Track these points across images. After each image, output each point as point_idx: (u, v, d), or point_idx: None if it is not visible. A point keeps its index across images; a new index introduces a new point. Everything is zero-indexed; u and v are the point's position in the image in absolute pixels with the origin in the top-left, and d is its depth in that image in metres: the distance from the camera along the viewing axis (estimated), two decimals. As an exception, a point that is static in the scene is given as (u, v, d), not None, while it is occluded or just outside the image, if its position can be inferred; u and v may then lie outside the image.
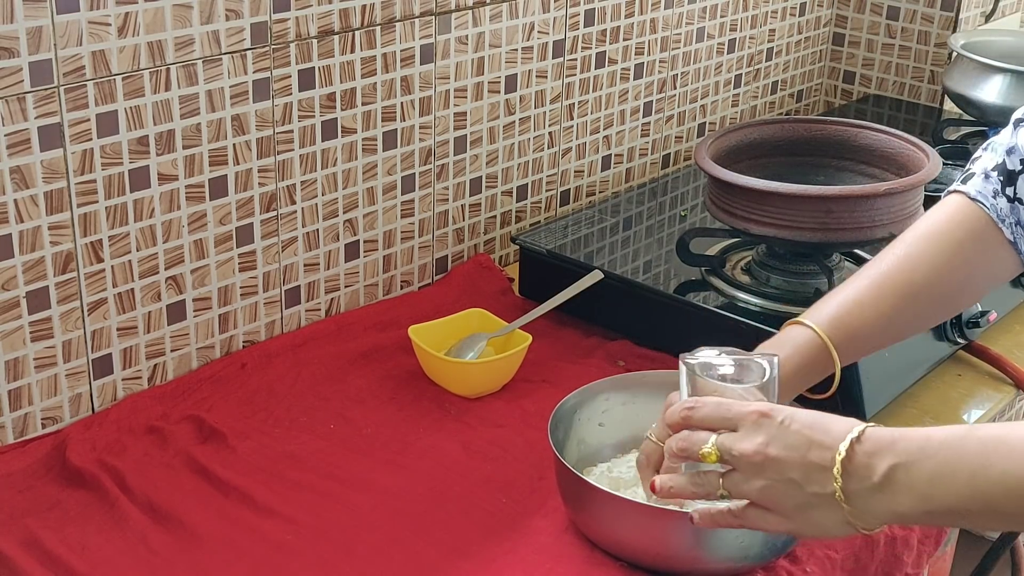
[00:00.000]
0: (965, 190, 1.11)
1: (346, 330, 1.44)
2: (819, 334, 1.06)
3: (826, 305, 1.09)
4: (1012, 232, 1.09)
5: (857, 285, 1.09)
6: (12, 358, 1.19)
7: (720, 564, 1.04)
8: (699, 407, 0.93)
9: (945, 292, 1.10)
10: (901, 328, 1.12)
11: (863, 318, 1.08)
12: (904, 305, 1.08)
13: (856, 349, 1.10)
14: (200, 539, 1.08)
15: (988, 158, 1.12)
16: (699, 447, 0.91)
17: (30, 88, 1.12)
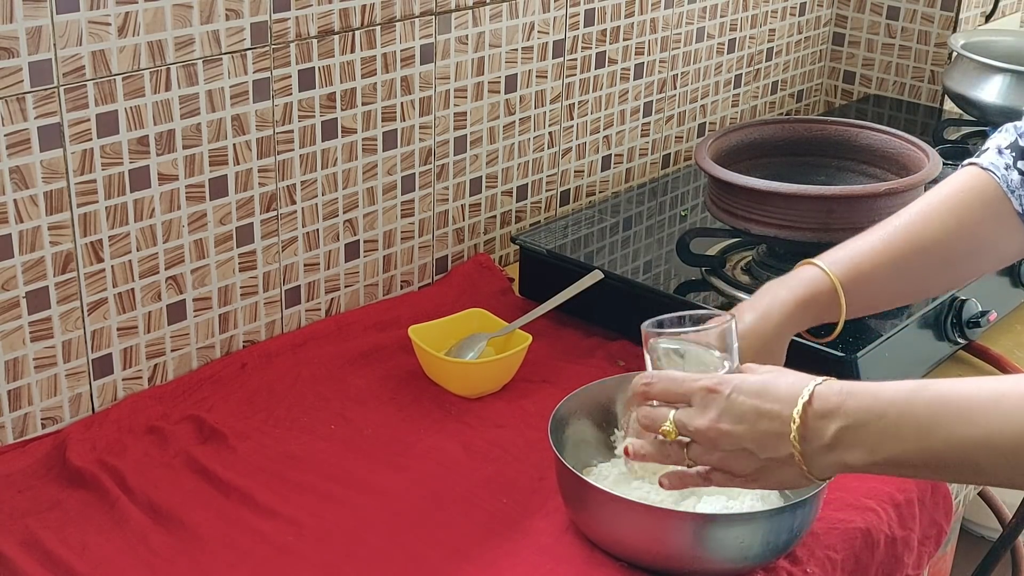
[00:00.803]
0: (978, 161, 1.15)
1: (346, 330, 1.44)
2: (829, 275, 1.09)
3: (840, 250, 1.13)
4: (1021, 203, 1.12)
5: (871, 236, 1.13)
6: (12, 358, 1.19)
7: (720, 564, 1.04)
8: (655, 382, 0.98)
9: (954, 254, 1.13)
10: (908, 284, 1.14)
11: (873, 266, 1.11)
12: (914, 259, 1.11)
13: (864, 299, 1.12)
14: (200, 539, 1.08)
15: (1002, 137, 1.16)
16: (659, 424, 0.96)
17: (30, 88, 1.12)
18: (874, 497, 1.16)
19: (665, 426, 0.96)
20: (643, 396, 0.99)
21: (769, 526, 1.03)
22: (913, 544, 1.17)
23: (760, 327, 1.08)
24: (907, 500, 1.17)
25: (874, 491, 1.16)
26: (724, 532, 1.02)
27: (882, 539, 1.13)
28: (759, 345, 1.07)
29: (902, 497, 1.17)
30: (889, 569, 1.15)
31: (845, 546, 1.10)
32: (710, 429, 0.94)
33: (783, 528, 1.04)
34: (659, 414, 0.97)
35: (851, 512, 1.13)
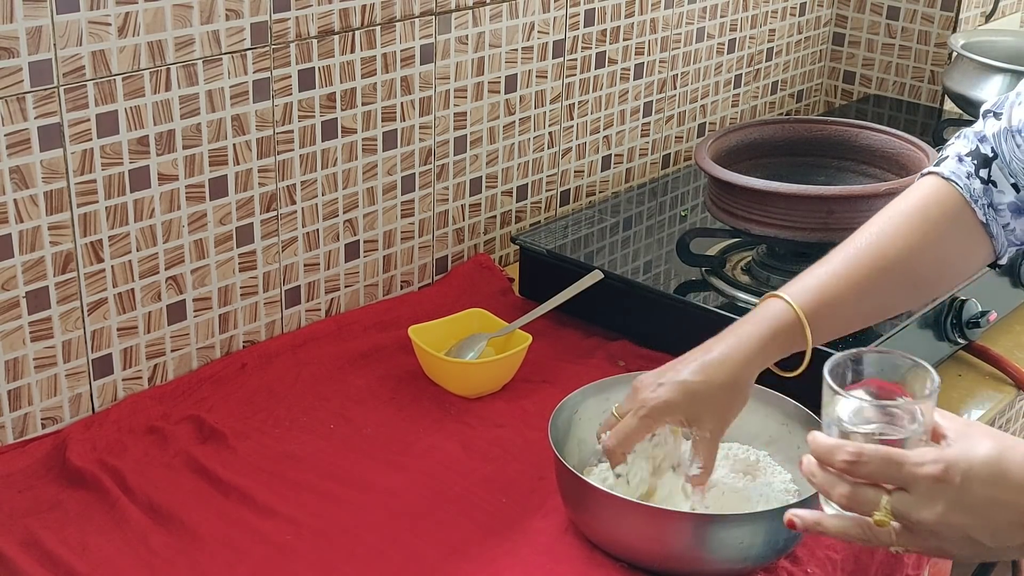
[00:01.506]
0: (939, 171, 1.12)
1: (346, 330, 1.44)
2: (794, 308, 1.06)
3: (805, 279, 1.10)
4: (984, 213, 1.10)
5: (832, 260, 1.10)
6: (12, 358, 1.19)
7: (721, 565, 1.04)
8: (865, 461, 0.87)
9: (918, 270, 1.10)
10: (875, 305, 1.11)
11: (839, 292, 1.08)
12: (878, 280, 1.08)
13: (832, 325, 1.10)
14: (200, 539, 1.08)
15: (960, 144, 1.13)
16: (870, 509, 0.88)
17: (30, 88, 1.12)
18: (874, 497, 1.15)
19: (878, 515, 0.87)
20: (847, 472, 0.89)
21: (769, 526, 1.03)
22: (913, 544, 1.16)
23: (729, 360, 1.05)
24: (907, 500, 1.16)
25: (874, 491, 1.16)
26: (724, 532, 1.02)
27: (882, 539, 1.13)
28: (727, 379, 1.05)
29: (902, 497, 1.17)
30: (889, 569, 1.15)
31: (845, 546, 1.10)
32: (937, 523, 0.85)
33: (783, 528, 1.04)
34: (870, 498, 0.87)
35: (851, 512, 1.13)
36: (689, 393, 1.04)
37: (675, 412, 1.05)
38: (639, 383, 1.08)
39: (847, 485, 0.88)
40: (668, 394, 1.04)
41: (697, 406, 1.05)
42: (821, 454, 0.90)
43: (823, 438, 0.91)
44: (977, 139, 1.12)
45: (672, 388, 1.05)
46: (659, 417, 1.05)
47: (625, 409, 1.07)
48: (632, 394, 1.08)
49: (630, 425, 1.05)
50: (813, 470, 0.91)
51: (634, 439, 1.05)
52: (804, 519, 0.93)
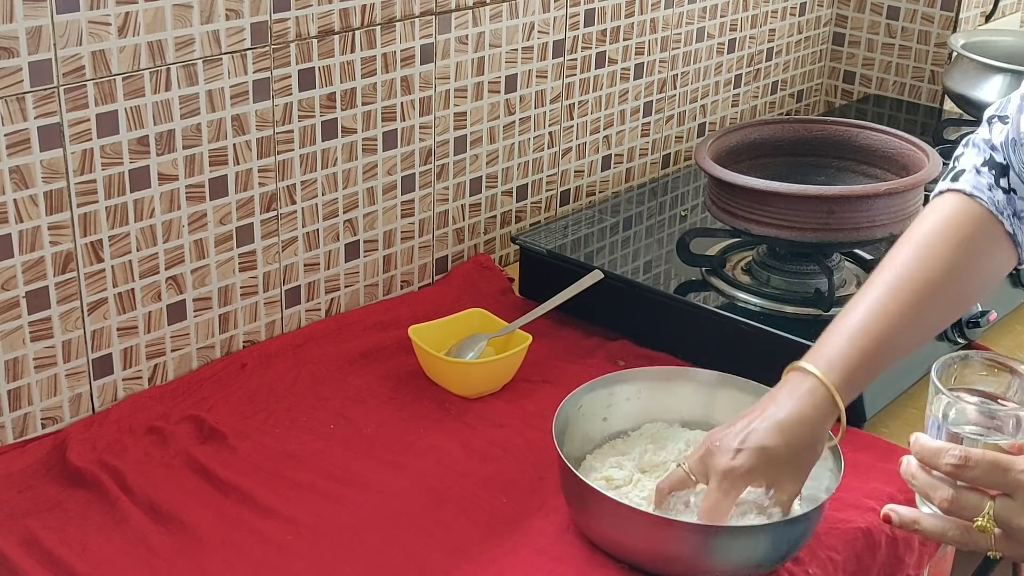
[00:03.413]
0: (960, 187, 1.10)
1: (346, 330, 1.44)
2: (827, 387, 1.02)
3: (832, 340, 1.05)
4: (1011, 224, 1.09)
5: (869, 297, 1.06)
6: (12, 358, 1.19)
7: (723, 571, 1.03)
8: (971, 466, 0.87)
9: (959, 290, 1.09)
10: (921, 334, 1.09)
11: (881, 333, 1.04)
12: (922, 310, 1.06)
13: (881, 365, 1.07)
14: (200, 539, 1.08)
15: (973, 154, 1.12)
16: (973, 515, 0.87)
17: (30, 88, 1.12)
18: (875, 497, 1.16)
19: (980, 521, 0.87)
20: (952, 475, 0.88)
21: (774, 537, 1.03)
22: (914, 544, 1.16)
23: (806, 420, 1.01)
24: (908, 500, 1.16)
25: (875, 491, 1.16)
26: (729, 543, 1.02)
27: (883, 539, 1.13)
28: (807, 441, 1.02)
29: (903, 497, 1.17)
30: (890, 569, 1.15)
31: (846, 547, 1.10)
32: None
33: (788, 539, 1.04)
34: (974, 503, 0.88)
35: (852, 513, 1.13)
36: (771, 459, 1.01)
37: (758, 478, 1.01)
38: (714, 445, 1.02)
39: (950, 489, 0.88)
40: (750, 462, 1.00)
41: (779, 471, 1.02)
42: (925, 456, 0.89)
43: (927, 440, 0.90)
44: (988, 148, 1.11)
45: (753, 456, 1.00)
46: (744, 486, 1.01)
47: (697, 470, 1.03)
48: (706, 455, 1.03)
49: (717, 499, 1.00)
50: (914, 471, 0.91)
51: (725, 512, 1.01)
52: (902, 516, 0.92)
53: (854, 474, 1.17)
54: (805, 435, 1.02)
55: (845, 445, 1.11)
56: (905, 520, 0.92)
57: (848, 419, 1.25)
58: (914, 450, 0.90)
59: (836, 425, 1.05)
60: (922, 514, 0.92)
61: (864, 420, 1.28)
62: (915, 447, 0.90)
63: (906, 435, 1.27)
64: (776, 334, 1.32)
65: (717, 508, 1.01)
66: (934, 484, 0.89)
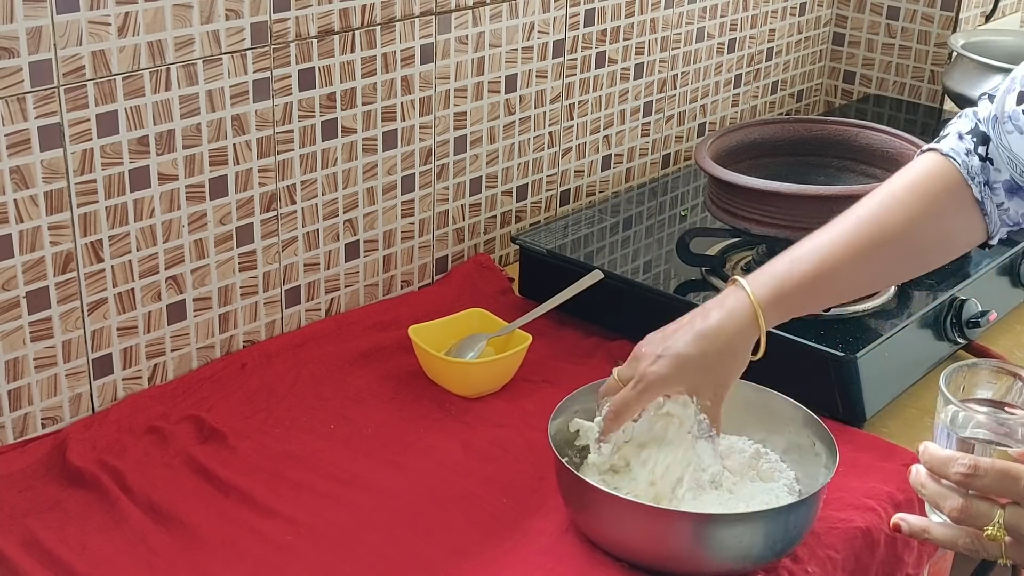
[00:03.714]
0: (938, 147, 1.12)
1: (346, 330, 1.44)
2: (751, 299, 1.06)
3: (777, 260, 1.09)
4: (980, 191, 1.10)
5: (833, 229, 1.09)
6: (12, 358, 1.19)
7: (721, 565, 1.04)
8: (981, 475, 0.87)
9: (917, 243, 1.11)
10: (873, 275, 1.12)
11: (837, 262, 1.07)
12: (878, 250, 1.08)
13: (827, 295, 1.10)
14: (200, 539, 1.08)
15: (962, 122, 1.14)
16: (983, 524, 0.87)
17: (30, 88, 1.12)
18: (874, 497, 1.16)
19: (990, 530, 0.87)
20: (962, 484, 0.88)
21: (769, 526, 1.03)
22: (913, 544, 1.17)
23: (724, 329, 1.06)
24: (907, 499, 1.16)
25: (874, 491, 1.16)
26: (724, 532, 1.02)
27: (882, 539, 1.13)
28: (724, 348, 1.06)
29: (902, 496, 1.17)
30: (889, 569, 1.15)
31: (846, 546, 1.10)
32: None
33: (783, 527, 1.04)
34: (984, 512, 0.87)
35: (852, 512, 1.13)
36: (687, 365, 1.05)
37: (674, 385, 1.06)
38: (640, 351, 1.08)
39: (960, 498, 0.88)
40: (666, 368, 1.06)
41: (695, 377, 1.06)
42: (935, 466, 0.89)
43: (936, 449, 0.90)
44: (976, 118, 1.13)
45: (670, 362, 1.06)
46: (657, 391, 1.06)
47: (626, 375, 1.08)
48: (633, 361, 1.08)
49: (628, 397, 1.06)
50: (923, 481, 0.91)
51: (631, 412, 1.07)
52: (911, 525, 0.92)
53: (853, 474, 1.17)
54: (722, 344, 1.06)
55: (845, 445, 1.12)
56: (915, 529, 0.92)
57: (848, 419, 1.26)
58: (923, 459, 0.91)
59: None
60: (932, 523, 0.92)
61: (864, 420, 1.28)
62: (924, 456, 0.90)
63: (905, 435, 1.27)
64: (776, 334, 1.31)
65: (626, 404, 1.07)
66: (944, 493, 0.90)
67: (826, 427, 1.11)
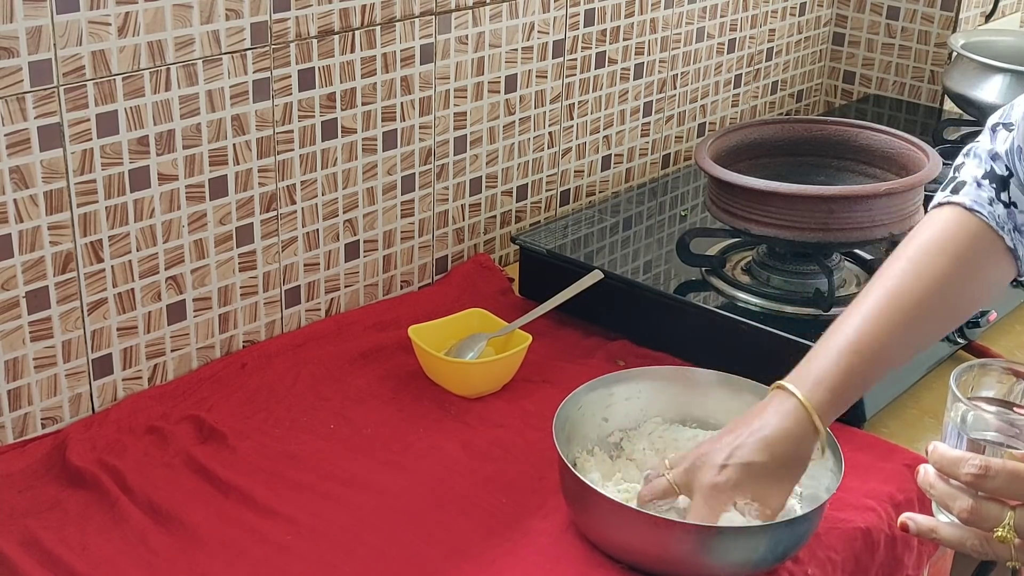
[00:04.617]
0: (960, 200, 1.08)
1: (346, 330, 1.44)
2: (806, 407, 1.02)
3: (820, 357, 1.05)
4: (1012, 239, 1.08)
5: (864, 311, 1.05)
6: (12, 358, 1.19)
7: (723, 570, 1.03)
8: (992, 476, 0.86)
9: (953, 306, 1.08)
10: (912, 347, 1.09)
11: (871, 350, 1.04)
12: (915, 324, 1.05)
13: (870, 378, 1.06)
14: (200, 539, 1.08)
15: (973, 166, 1.10)
16: (993, 525, 0.87)
17: (30, 88, 1.12)
18: (874, 497, 1.16)
19: (999, 532, 0.86)
20: (972, 485, 0.87)
21: (774, 537, 1.02)
22: (913, 545, 1.17)
23: (791, 436, 1.02)
24: (907, 500, 1.17)
25: (874, 492, 1.16)
26: (728, 544, 1.02)
27: (882, 539, 1.13)
28: (792, 456, 1.03)
29: (902, 497, 1.17)
30: (889, 569, 1.15)
31: (845, 546, 1.10)
32: None
33: (788, 538, 1.04)
34: (994, 514, 0.86)
35: (851, 512, 1.13)
36: (757, 475, 1.02)
37: (743, 495, 1.02)
38: (700, 459, 1.04)
39: (969, 499, 0.87)
40: (736, 477, 1.01)
41: (764, 486, 1.02)
42: (944, 466, 0.89)
43: (946, 449, 0.90)
44: (990, 157, 1.09)
45: (739, 471, 1.01)
46: (729, 501, 1.02)
47: (682, 482, 1.04)
48: (691, 468, 1.04)
49: (704, 515, 1.02)
50: (932, 481, 0.90)
51: (714, 523, 1.02)
52: (919, 525, 0.91)
53: (854, 474, 1.17)
54: (790, 451, 1.03)
55: (845, 445, 1.11)
56: (923, 529, 0.92)
57: (848, 419, 1.26)
58: (932, 459, 0.90)
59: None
60: (940, 523, 0.91)
61: (864, 420, 1.28)
62: (933, 456, 0.90)
63: (905, 435, 1.27)
64: (776, 334, 1.32)
65: (703, 520, 1.02)
66: (953, 494, 0.89)
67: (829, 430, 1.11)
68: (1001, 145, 1.09)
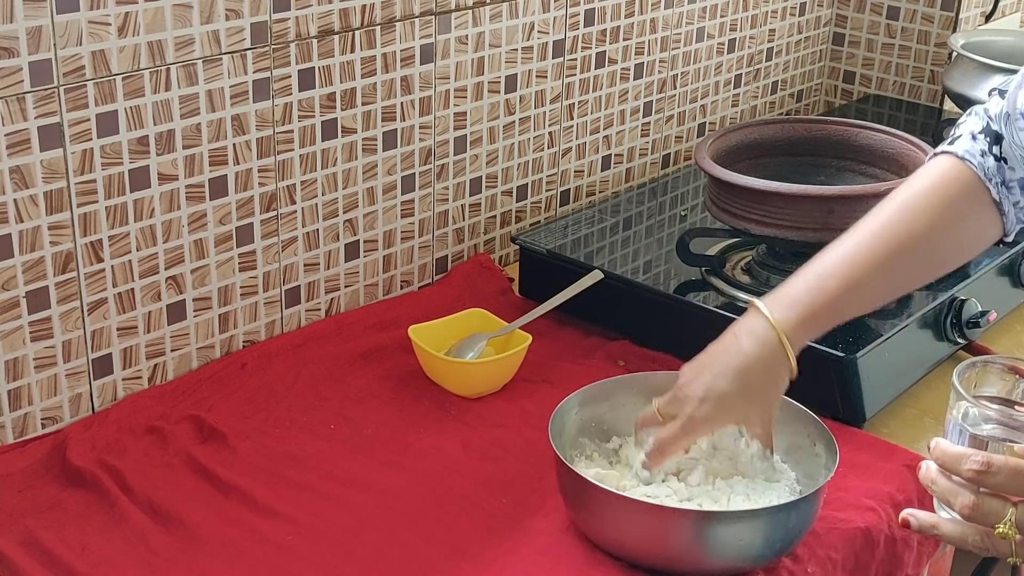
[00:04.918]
0: (953, 150, 1.11)
1: (346, 330, 1.44)
2: (776, 329, 1.05)
3: (797, 280, 1.08)
4: (998, 192, 1.09)
5: (850, 240, 1.08)
6: (12, 358, 1.19)
7: (721, 563, 1.04)
8: (994, 472, 0.87)
9: (938, 249, 1.10)
10: (894, 284, 1.11)
11: (855, 276, 1.06)
12: (900, 259, 1.07)
13: (852, 308, 1.09)
14: (200, 539, 1.08)
15: (973, 121, 1.13)
16: (995, 521, 0.87)
17: (30, 88, 1.12)
18: (874, 497, 1.16)
19: (1001, 528, 0.86)
20: (974, 481, 0.88)
21: (769, 524, 1.03)
22: (913, 544, 1.17)
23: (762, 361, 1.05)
24: (907, 500, 1.17)
25: (874, 491, 1.16)
26: (724, 530, 1.02)
27: (882, 539, 1.13)
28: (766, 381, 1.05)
29: (902, 497, 1.17)
30: (889, 568, 1.15)
31: (845, 546, 1.10)
32: None
33: (783, 526, 1.04)
34: (995, 510, 0.87)
35: (851, 512, 1.13)
36: (732, 404, 1.05)
37: (722, 423, 1.06)
38: (684, 390, 1.07)
39: (972, 495, 0.88)
40: (713, 410, 1.05)
41: (742, 412, 1.06)
42: (946, 462, 0.89)
43: (948, 445, 0.90)
44: (987, 116, 1.11)
45: (715, 404, 1.05)
46: (705, 432, 1.06)
47: (668, 412, 1.08)
48: (675, 399, 1.08)
49: (675, 435, 1.06)
50: (934, 477, 0.91)
51: (677, 449, 1.07)
52: (920, 521, 0.92)
53: (854, 474, 1.17)
54: (762, 377, 1.06)
55: (845, 445, 1.12)
56: (924, 524, 0.92)
57: (848, 419, 1.26)
58: (934, 455, 0.90)
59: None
60: (942, 519, 0.92)
61: (864, 420, 1.28)
62: (935, 452, 0.90)
63: (905, 435, 1.27)
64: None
65: (672, 442, 1.07)
66: (955, 490, 0.89)
67: (826, 427, 1.11)
68: (994, 109, 1.11)
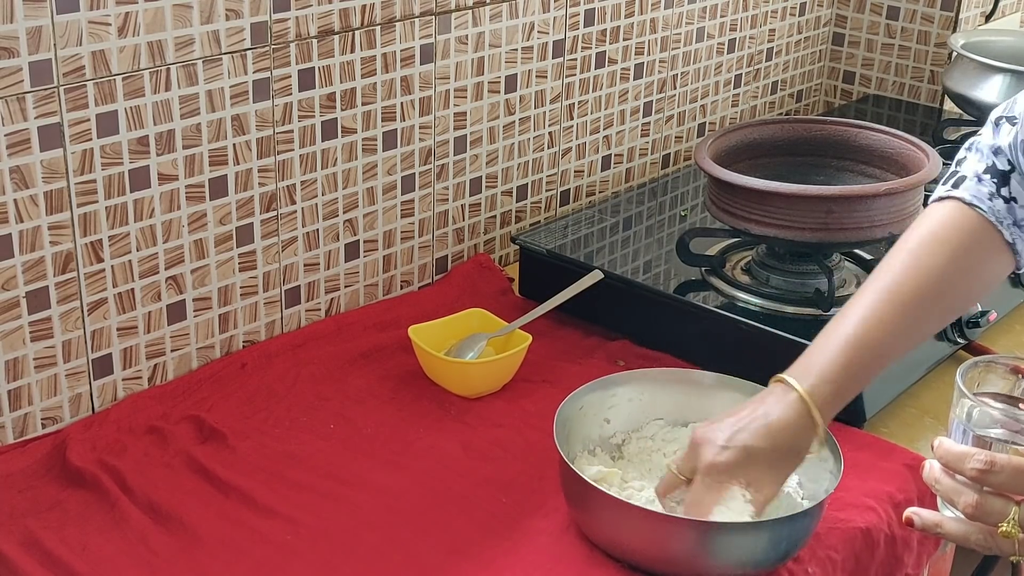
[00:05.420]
0: (959, 195, 1.09)
1: (346, 330, 1.44)
2: (807, 401, 1.03)
3: (821, 350, 1.05)
4: (1011, 234, 1.08)
5: (865, 304, 1.06)
6: (12, 358, 1.19)
7: (723, 570, 1.04)
8: (997, 471, 0.86)
9: (952, 299, 1.09)
10: (911, 341, 1.09)
11: (872, 343, 1.04)
12: (914, 318, 1.06)
13: (870, 372, 1.07)
14: (200, 539, 1.08)
15: (975, 160, 1.11)
16: (998, 520, 0.87)
17: (30, 88, 1.12)
18: (874, 497, 1.16)
19: (1004, 527, 0.86)
20: (977, 480, 0.88)
21: (774, 535, 1.03)
22: (913, 544, 1.17)
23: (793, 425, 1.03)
24: (907, 500, 1.17)
25: (874, 491, 1.16)
26: (728, 540, 1.02)
27: (882, 539, 1.13)
28: (792, 445, 1.03)
29: (902, 497, 1.17)
30: (889, 569, 1.15)
31: (845, 546, 1.10)
32: None
33: (787, 536, 1.04)
34: (999, 509, 0.87)
35: (851, 512, 1.13)
36: (754, 458, 1.02)
37: (739, 477, 1.03)
38: (700, 441, 1.04)
39: (975, 494, 0.88)
40: (735, 459, 1.02)
41: (760, 471, 1.03)
42: (950, 461, 0.89)
43: (951, 444, 0.90)
44: (991, 152, 1.09)
45: (738, 453, 1.02)
46: (727, 482, 1.02)
47: (686, 467, 1.05)
48: (692, 452, 1.05)
49: (700, 494, 1.02)
50: (937, 476, 0.91)
51: (708, 507, 1.02)
52: (924, 519, 0.92)
53: (854, 474, 1.17)
54: (789, 442, 1.03)
55: (845, 445, 1.12)
56: (927, 523, 0.92)
57: (848, 419, 1.26)
58: (938, 454, 0.90)
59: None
60: (945, 518, 0.92)
61: (864, 420, 1.28)
62: (939, 451, 0.90)
63: (905, 435, 1.27)
64: (776, 334, 1.32)
65: (700, 502, 1.02)
66: (958, 489, 0.89)
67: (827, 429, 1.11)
68: (1004, 139, 1.09)
